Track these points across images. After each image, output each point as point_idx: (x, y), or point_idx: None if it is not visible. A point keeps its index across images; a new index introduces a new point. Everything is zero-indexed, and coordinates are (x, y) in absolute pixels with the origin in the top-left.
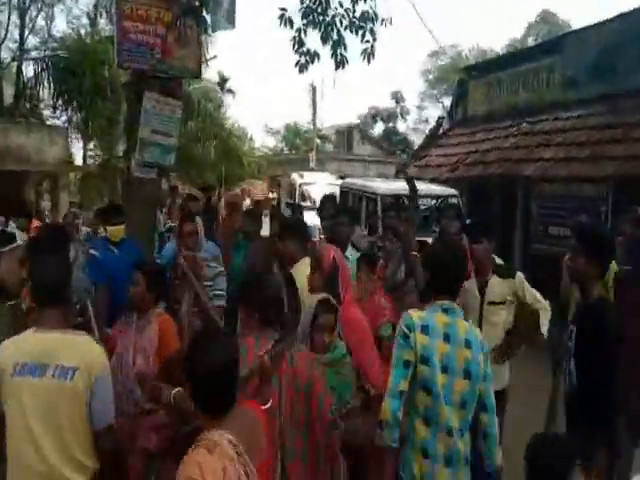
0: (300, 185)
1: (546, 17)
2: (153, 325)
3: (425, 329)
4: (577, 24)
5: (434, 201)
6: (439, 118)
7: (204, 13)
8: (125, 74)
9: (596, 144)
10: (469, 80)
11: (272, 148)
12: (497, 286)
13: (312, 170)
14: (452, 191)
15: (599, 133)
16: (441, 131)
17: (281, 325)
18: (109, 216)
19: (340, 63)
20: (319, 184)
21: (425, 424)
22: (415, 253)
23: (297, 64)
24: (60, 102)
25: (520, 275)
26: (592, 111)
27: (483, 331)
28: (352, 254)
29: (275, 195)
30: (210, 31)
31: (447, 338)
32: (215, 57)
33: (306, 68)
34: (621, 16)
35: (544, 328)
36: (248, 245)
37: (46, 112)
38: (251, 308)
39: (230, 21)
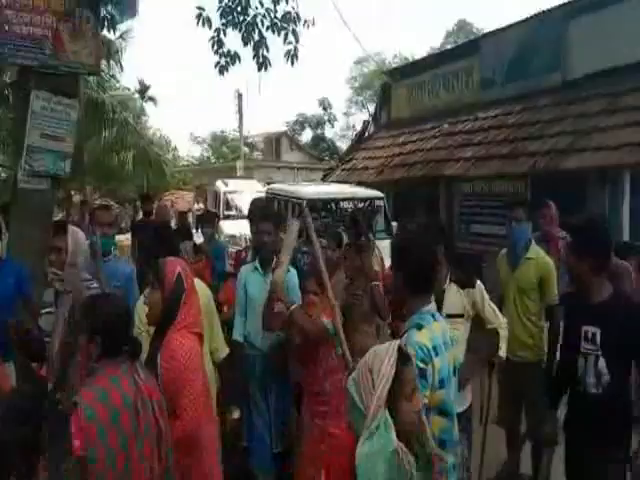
0: (224, 193)
1: (463, 26)
2: None
3: (436, 350)
4: None
5: (360, 204)
6: (365, 122)
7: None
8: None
9: (513, 142)
10: (392, 84)
11: (198, 157)
12: (455, 296)
13: (239, 178)
14: (378, 193)
15: (517, 131)
16: (367, 135)
17: (132, 355)
18: None
19: (262, 65)
20: (245, 192)
21: (441, 447)
22: (377, 283)
23: (217, 65)
24: None
25: (480, 285)
26: (509, 110)
27: None
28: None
29: (202, 206)
30: (111, 24)
31: (446, 347)
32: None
33: (226, 70)
34: (534, 17)
35: (502, 351)
36: None
37: None
38: (92, 334)
39: (131, 8)
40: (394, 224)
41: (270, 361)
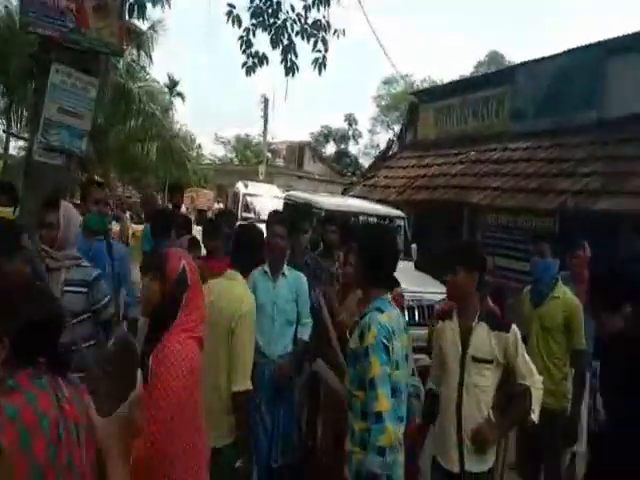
0: (244, 195)
1: (495, 57)
2: None
3: (394, 333)
4: None
5: (380, 221)
6: (389, 140)
7: None
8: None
9: (543, 176)
10: (420, 104)
11: (221, 158)
12: (484, 338)
13: (260, 182)
14: (398, 212)
15: (547, 166)
16: (391, 153)
17: (54, 368)
18: None
19: (290, 69)
20: (264, 196)
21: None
22: None
23: (244, 65)
24: None
25: (516, 329)
26: (540, 144)
27: (464, 395)
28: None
29: (221, 205)
30: (141, 11)
31: (400, 333)
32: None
33: (253, 71)
34: (569, 52)
35: (535, 415)
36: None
37: None
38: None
39: None
40: (413, 246)
41: (279, 370)
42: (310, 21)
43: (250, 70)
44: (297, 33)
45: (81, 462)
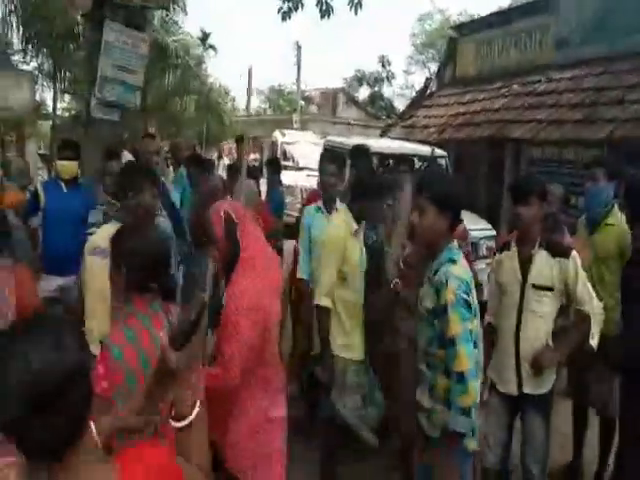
0: (282, 144)
1: None
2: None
3: (470, 283)
4: None
5: (421, 162)
6: (427, 79)
7: None
8: None
9: (590, 106)
10: (459, 39)
11: (255, 109)
12: (545, 265)
13: (296, 130)
14: (440, 152)
15: (594, 95)
16: (428, 92)
17: (165, 294)
18: (60, 150)
19: (325, 12)
20: (302, 143)
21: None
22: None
23: (280, 11)
24: (30, 47)
25: (575, 255)
26: (587, 72)
27: (523, 323)
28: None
29: (257, 156)
30: None
31: (471, 280)
32: None
33: (289, 16)
34: None
35: (594, 340)
36: None
37: (15, 58)
38: (120, 267)
39: None
40: None
41: None
42: None
43: (286, 15)
44: None
45: None
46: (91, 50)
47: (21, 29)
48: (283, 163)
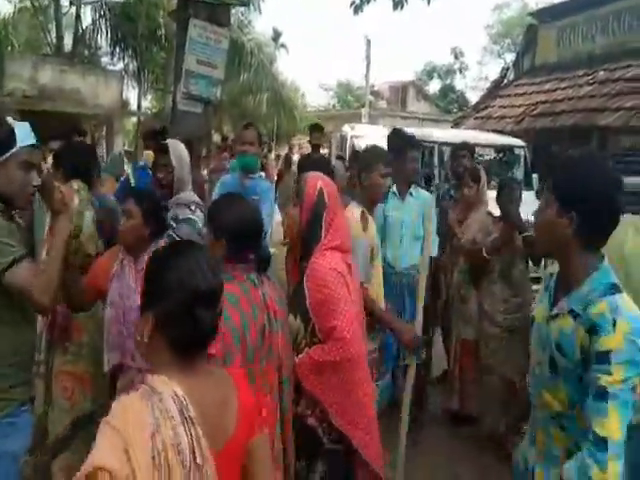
0: (351, 137)
1: None
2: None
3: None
4: None
5: (497, 153)
6: (503, 68)
7: None
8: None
9: None
10: (539, 26)
11: (324, 105)
12: None
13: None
14: (517, 141)
15: None
16: (505, 82)
17: (260, 264)
18: (146, 140)
19: (398, 3)
20: (371, 137)
21: None
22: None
23: (352, 5)
24: (117, 49)
25: None
26: None
27: None
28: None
29: (326, 151)
30: None
31: None
32: None
33: (361, 9)
34: None
35: None
36: None
37: (104, 59)
38: (218, 235)
39: None
40: (534, 176)
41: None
42: None
43: (358, 9)
44: None
45: (277, 348)
46: (177, 48)
47: (109, 32)
48: None
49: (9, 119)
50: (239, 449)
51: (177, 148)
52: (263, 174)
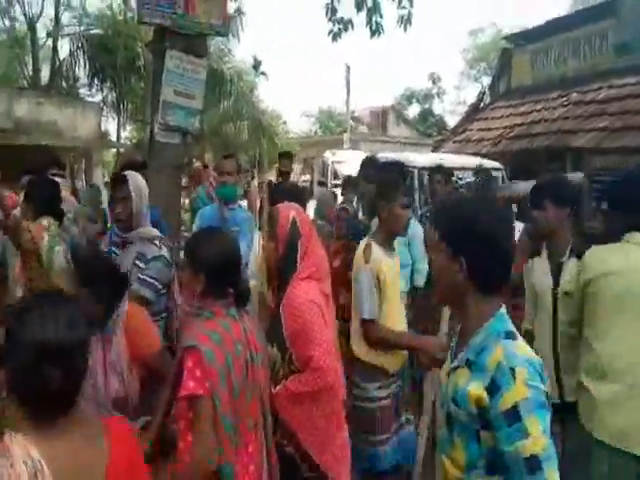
0: (332, 163)
1: None
2: (119, 331)
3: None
4: None
5: (474, 175)
6: (480, 92)
7: None
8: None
9: None
10: (513, 50)
11: (306, 131)
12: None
13: (347, 150)
14: (495, 164)
15: None
16: (482, 105)
17: (239, 298)
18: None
19: (375, 31)
20: (351, 162)
21: None
22: None
23: (330, 33)
24: (95, 81)
25: None
26: None
27: (558, 331)
28: None
29: (308, 177)
30: None
31: None
32: (239, 14)
33: (339, 36)
34: None
35: None
36: None
37: (82, 91)
38: (197, 270)
39: None
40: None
41: None
42: None
43: (336, 36)
44: None
45: (260, 382)
46: (154, 79)
47: (87, 64)
48: (334, 182)
49: None
50: None
51: (136, 179)
52: (245, 203)
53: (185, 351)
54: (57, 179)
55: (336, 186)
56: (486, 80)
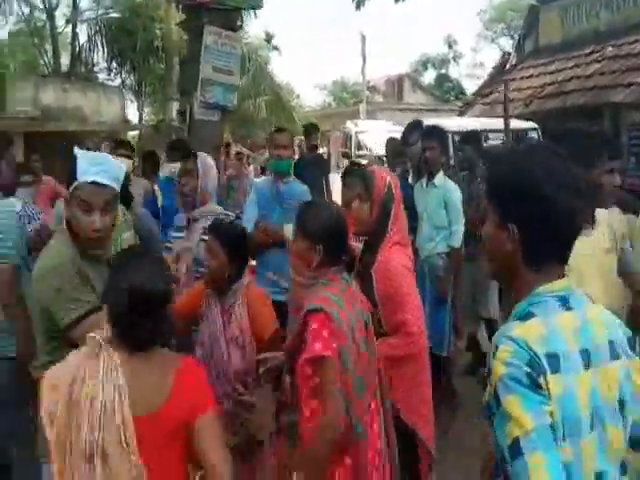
0: (356, 134)
1: None
2: (241, 306)
3: (554, 361)
4: None
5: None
6: (504, 52)
7: None
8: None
9: None
10: (540, 6)
11: (320, 104)
12: (616, 223)
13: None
14: (531, 124)
15: None
16: (508, 66)
17: (348, 265)
18: (171, 151)
19: None
20: (375, 132)
21: None
22: None
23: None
24: (114, 64)
25: None
26: None
27: (601, 289)
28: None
29: (325, 149)
30: None
31: (586, 359)
32: None
33: (363, 4)
34: None
35: None
36: None
37: (101, 75)
38: (314, 241)
39: None
40: None
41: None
42: None
43: (360, 4)
44: None
45: (374, 343)
46: (189, 58)
47: (106, 48)
48: (358, 152)
49: (76, 149)
50: (174, 420)
51: (205, 158)
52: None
53: (308, 316)
54: (123, 159)
55: (359, 157)
56: (504, 41)
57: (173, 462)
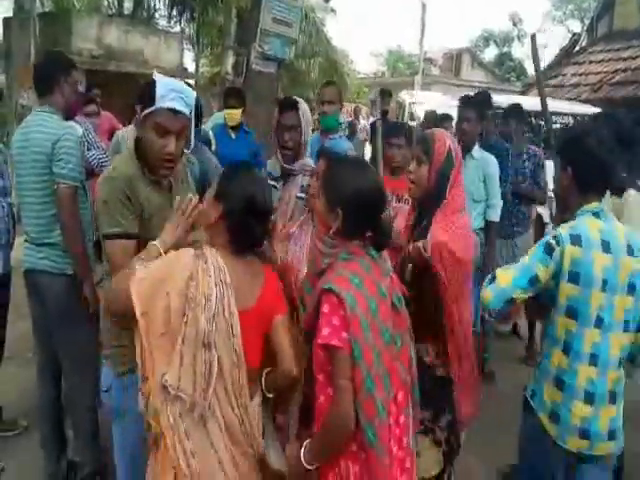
0: (410, 104)
1: None
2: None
3: (576, 239)
4: None
5: (574, 121)
6: (574, 34)
7: None
8: None
9: None
10: None
11: (374, 72)
12: None
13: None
14: (596, 110)
15: None
16: (578, 48)
17: (378, 244)
18: (226, 98)
19: None
20: (429, 103)
21: (564, 353)
22: None
23: None
24: (175, 12)
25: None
26: None
27: None
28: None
29: (373, 118)
30: None
31: (606, 246)
32: None
33: None
34: None
35: None
36: None
37: (161, 22)
38: (333, 202)
39: None
40: None
41: None
42: None
43: None
44: None
45: (407, 326)
46: (251, 7)
47: None
48: (410, 123)
49: (155, 73)
50: (262, 316)
51: (305, 107)
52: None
53: (322, 294)
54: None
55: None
56: (573, 23)
57: (256, 351)
